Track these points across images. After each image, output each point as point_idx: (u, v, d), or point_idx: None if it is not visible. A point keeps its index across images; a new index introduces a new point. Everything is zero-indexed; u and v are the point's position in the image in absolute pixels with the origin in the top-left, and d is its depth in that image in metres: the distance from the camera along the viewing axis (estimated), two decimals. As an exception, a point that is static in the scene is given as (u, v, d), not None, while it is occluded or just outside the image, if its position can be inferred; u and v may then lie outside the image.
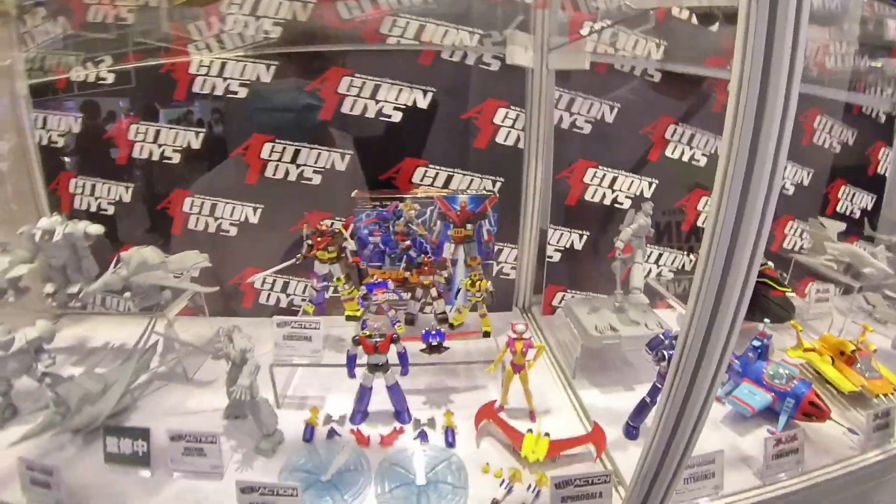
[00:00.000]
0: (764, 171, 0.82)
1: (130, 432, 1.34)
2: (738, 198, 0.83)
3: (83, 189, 2.01)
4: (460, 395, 1.60)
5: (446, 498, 1.23)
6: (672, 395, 1.02)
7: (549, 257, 2.02)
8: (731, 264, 0.87)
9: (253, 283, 1.71)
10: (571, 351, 1.78)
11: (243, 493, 1.13)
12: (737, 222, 0.85)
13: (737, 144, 0.82)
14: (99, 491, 1.27)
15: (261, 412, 1.38)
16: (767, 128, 0.80)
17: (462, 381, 1.73)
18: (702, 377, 0.97)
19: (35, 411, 1.42)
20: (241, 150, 1.86)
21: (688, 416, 1.02)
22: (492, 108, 1.86)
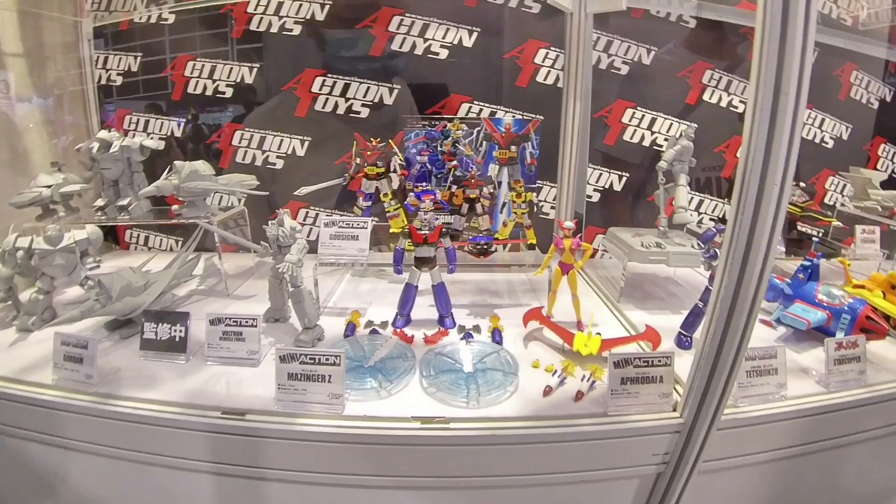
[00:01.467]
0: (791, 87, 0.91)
1: (169, 317, 1.38)
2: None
3: (136, 125, 2.15)
4: (504, 310, 1.62)
5: (495, 383, 1.23)
6: (727, 271, 1.03)
7: (589, 197, 2.05)
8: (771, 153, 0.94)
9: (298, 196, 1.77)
10: (614, 283, 1.80)
11: (282, 362, 1.14)
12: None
13: (763, 74, 0.92)
14: (130, 374, 1.29)
15: (304, 301, 1.39)
16: (790, 62, 0.90)
17: (505, 299, 1.75)
18: (754, 254, 0.99)
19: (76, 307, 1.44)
20: (293, 84, 1.99)
21: (742, 298, 1.02)
22: (533, 49, 1.95)
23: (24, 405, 1.26)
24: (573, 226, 1.48)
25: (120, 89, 2.13)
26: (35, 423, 1.27)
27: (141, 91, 2.12)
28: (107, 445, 1.21)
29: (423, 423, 1.13)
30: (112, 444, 1.21)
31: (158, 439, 1.18)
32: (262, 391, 1.19)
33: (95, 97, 2.15)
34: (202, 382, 1.26)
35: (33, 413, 1.26)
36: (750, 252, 1.01)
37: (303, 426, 1.12)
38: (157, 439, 1.18)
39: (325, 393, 1.14)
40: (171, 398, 1.20)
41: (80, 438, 1.24)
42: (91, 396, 1.22)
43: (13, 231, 1.76)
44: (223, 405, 1.17)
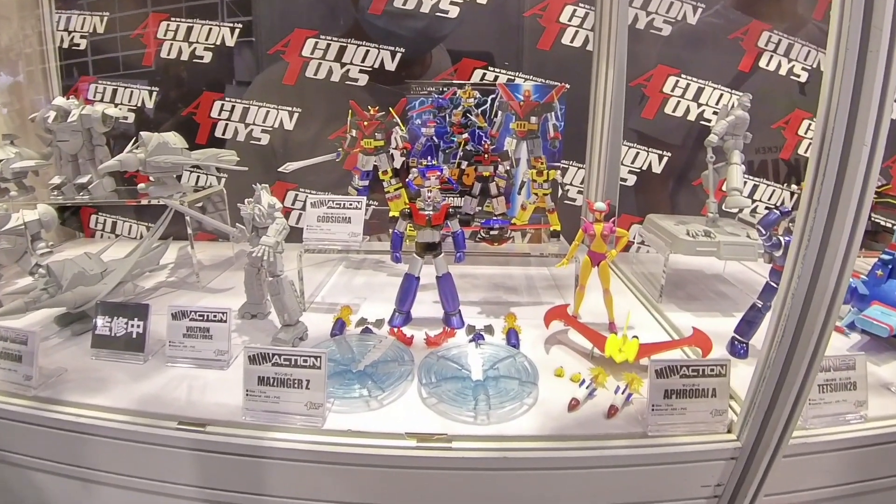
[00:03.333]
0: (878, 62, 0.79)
1: (126, 310, 1.29)
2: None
3: (103, 94, 2.06)
4: (522, 308, 1.50)
5: (510, 394, 1.11)
6: (797, 272, 0.91)
7: (623, 180, 1.93)
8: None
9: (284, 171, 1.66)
10: (653, 280, 1.68)
11: (251, 363, 1.04)
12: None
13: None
14: (78, 375, 1.21)
15: (284, 293, 1.30)
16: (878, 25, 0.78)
17: (523, 296, 1.63)
18: (834, 242, 0.88)
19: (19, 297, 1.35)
20: (280, 47, 1.90)
21: (819, 296, 0.90)
22: (558, 4, 1.83)
23: None
24: (605, 207, 1.35)
25: (84, 53, 2.05)
26: None
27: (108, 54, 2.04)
28: (44, 459, 1.14)
29: (420, 441, 1.02)
30: (50, 458, 1.13)
31: (104, 453, 1.09)
32: (229, 398, 1.10)
33: (57, 63, 2.07)
34: (159, 387, 1.17)
35: None
36: (829, 240, 0.88)
37: (274, 441, 1.02)
38: (103, 453, 1.09)
39: (303, 401, 1.04)
40: (120, 405, 1.11)
41: (12, 449, 1.16)
42: (28, 401, 1.13)
43: None
44: (181, 414, 1.08)
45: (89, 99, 2.08)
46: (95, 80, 2.05)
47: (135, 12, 1.98)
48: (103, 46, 2.03)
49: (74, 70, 2.06)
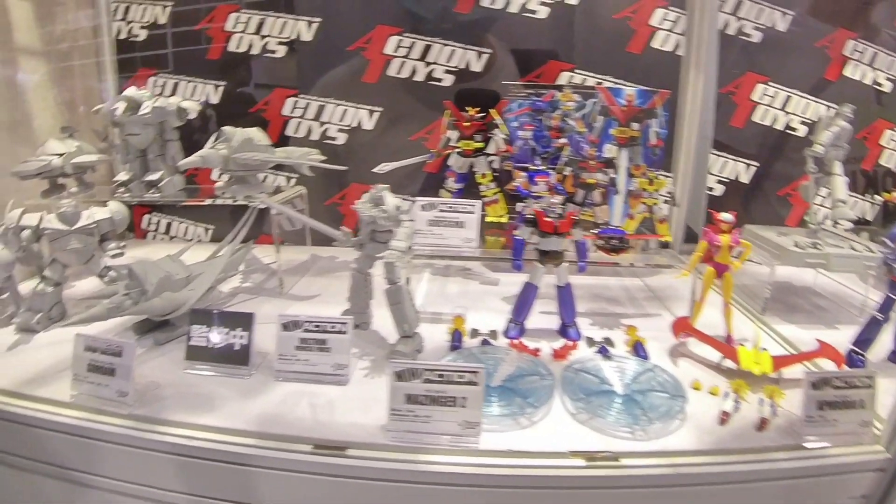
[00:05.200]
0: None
1: (227, 319, 1.21)
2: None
3: (163, 88, 2.01)
4: (632, 320, 1.49)
5: (662, 408, 1.09)
6: None
7: (710, 189, 1.93)
8: None
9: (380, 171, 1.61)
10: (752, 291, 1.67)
11: (399, 380, 0.99)
12: None
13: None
14: (175, 391, 1.13)
15: (404, 301, 1.25)
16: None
17: (627, 307, 1.62)
18: None
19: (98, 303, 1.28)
20: (362, 43, 1.86)
21: None
22: (648, 8, 1.83)
23: (31, 427, 1.11)
24: (732, 218, 1.35)
25: (143, 45, 1.99)
26: (47, 452, 1.12)
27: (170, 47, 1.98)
28: (147, 485, 1.07)
29: (588, 461, 0.99)
30: (154, 484, 1.06)
31: (221, 480, 1.02)
32: (360, 417, 1.05)
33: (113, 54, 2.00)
34: (276, 405, 1.10)
35: (45, 439, 1.11)
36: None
37: (426, 465, 0.97)
38: (220, 480, 1.02)
39: (457, 420, 1.00)
40: (236, 425, 1.04)
41: (110, 475, 1.09)
42: (126, 420, 1.07)
43: (12, 208, 1.63)
44: (311, 436, 1.01)
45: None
46: (155, 73, 1.99)
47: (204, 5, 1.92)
48: (165, 38, 1.97)
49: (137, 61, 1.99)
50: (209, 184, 1.94)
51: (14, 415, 1.12)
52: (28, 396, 1.15)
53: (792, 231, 1.69)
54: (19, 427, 1.12)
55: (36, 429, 1.11)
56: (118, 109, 1.65)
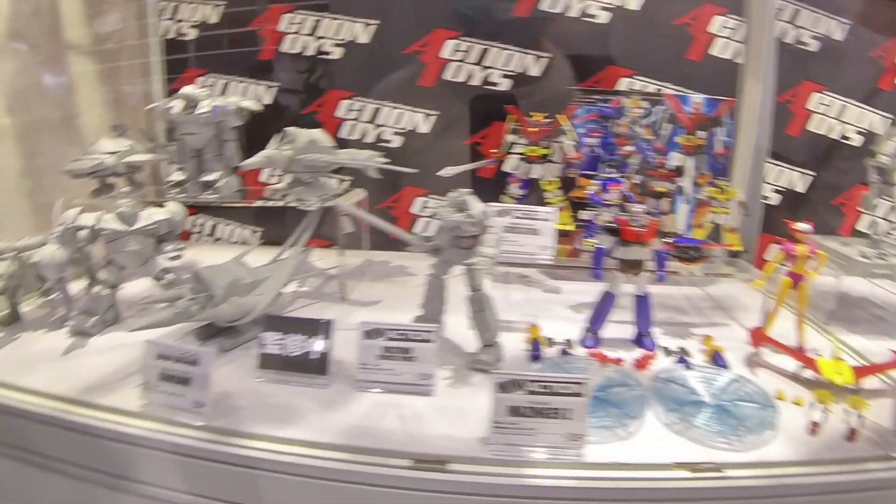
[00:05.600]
0: None
1: (303, 326, 1.19)
2: None
3: (212, 89, 2.00)
4: (699, 330, 1.51)
5: (753, 419, 1.10)
6: None
7: (765, 198, 1.94)
8: None
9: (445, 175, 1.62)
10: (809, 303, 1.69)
11: (502, 391, 0.98)
12: None
13: None
14: (251, 402, 1.12)
15: (487, 309, 1.25)
16: None
17: (693, 316, 1.63)
18: None
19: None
20: (418, 47, 1.87)
21: None
22: (707, 15, 1.84)
23: (96, 438, 1.10)
24: (810, 228, 1.37)
25: (193, 45, 1.99)
26: (115, 464, 1.10)
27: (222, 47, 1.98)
28: (226, 501, 1.05)
29: (693, 472, 1.00)
30: (234, 500, 1.04)
31: (312, 496, 1.01)
32: (454, 430, 1.04)
33: (160, 53, 2.00)
34: (362, 417, 1.09)
35: (112, 450, 1.09)
36: None
37: (530, 479, 0.97)
38: (311, 496, 1.01)
39: (561, 433, 1.00)
40: (322, 438, 1.03)
41: (184, 489, 1.07)
42: (202, 432, 1.05)
43: (61, 207, 1.62)
44: (407, 450, 1.00)
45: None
46: (205, 73, 1.99)
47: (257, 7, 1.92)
48: (215, 38, 1.97)
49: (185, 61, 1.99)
50: (258, 185, 1.94)
51: (77, 424, 1.11)
52: (91, 405, 1.14)
53: (853, 241, 1.71)
54: (83, 437, 1.11)
55: (102, 439, 1.10)
56: (174, 108, 1.62)
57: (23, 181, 1.75)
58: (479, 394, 1.16)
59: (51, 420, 1.14)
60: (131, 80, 2.02)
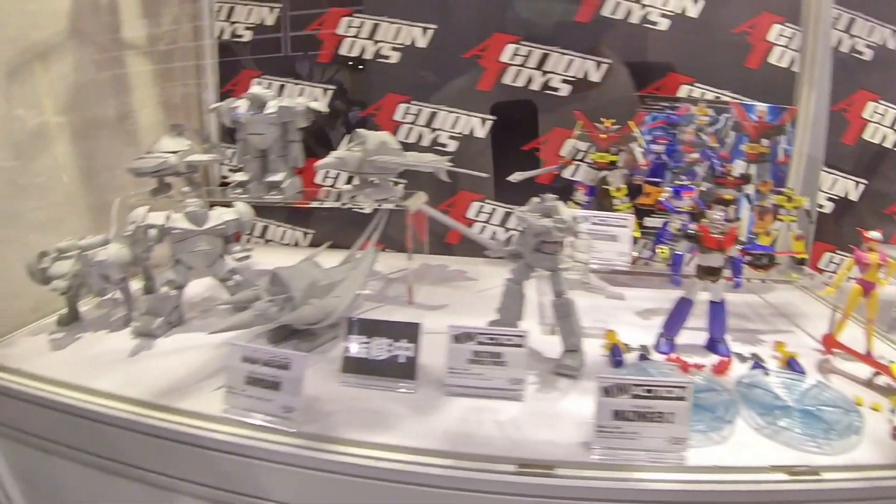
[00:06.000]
0: None
1: (390, 329, 1.21)
2: None
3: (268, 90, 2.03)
4: (765, 336, 1.56)
5: (840, 424, 1.14)
6: None
7: (819, 207, 1.98)
8: None
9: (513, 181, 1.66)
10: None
11: (607, 395, 1.02)
12: None
13: None
14: (338, 407, 1.13)
15: (573, 315, 1.29)
16: None
17: (757, 323, 1.68)
18: None
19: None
20: (477, 51, 1.92)
21: None
22: (765, 23, 1.89)
23: (173, 443, 1.12)
24: (880, 236, 1.42)
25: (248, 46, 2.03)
26: (193, 470, 1.12)
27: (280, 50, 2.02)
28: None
29: (790, 475, 1.04)
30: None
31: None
32: (552, 435, 1.08)
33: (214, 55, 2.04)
34: (457, 422, 1.11)
35: (190, 456, 1.11)
36: None
37: (636, 482, 1.00)
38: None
39: (664, 437, 1.04)
40: (424, 444, 1.04)
41: (275, 497, 1.08)
42: (293, 438, 1.06)
43: (120, 206, 1.65)
44: (509, 455, 1.02)
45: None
46: (260, 75, 2.02)
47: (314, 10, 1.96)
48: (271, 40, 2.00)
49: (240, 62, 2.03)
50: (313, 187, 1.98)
51: (155, 428, 1.13)
52: (168, 408, 1.15)
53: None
54: (161, 442, 1.13)
55: (180, 444, 1.12)
56: (240, 108, 1.66)
57: (79, 179, 1.78)
58: (568, 399, 1.22)
59: (126, 424, 1.15)
60: (184, 81, 2.05)
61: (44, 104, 1.65)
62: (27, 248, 1.51)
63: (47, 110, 1.66)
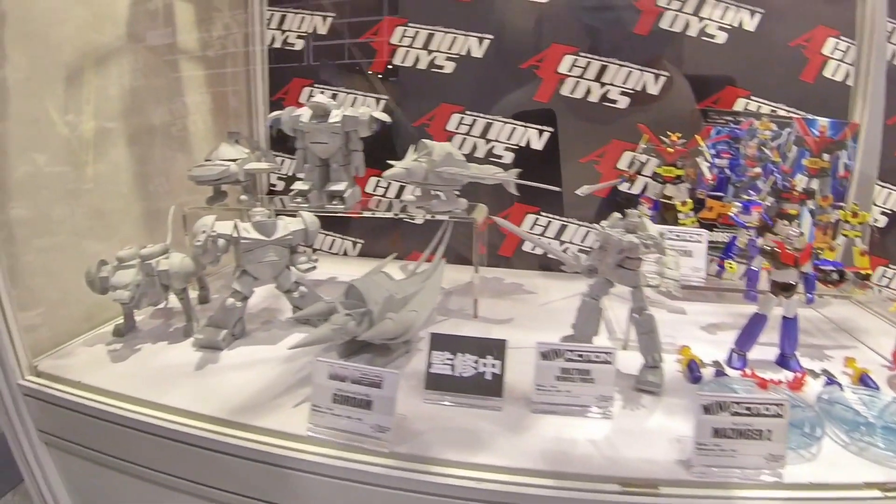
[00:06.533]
0: None
1: (475, 345, 1.22)
2: None
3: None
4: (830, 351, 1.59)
5: None
6: None
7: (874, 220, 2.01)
8: None
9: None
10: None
11: (706, 413, 1.05)
12: None
13: None
14: (429, 425, 1.14)
15: (654, 333, 1.33)
16: None
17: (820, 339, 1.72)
18: None
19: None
20: (534, 62, 1.97)
21: None
22: (821, 37, 1.94)
23: (254, 463, 1.13)
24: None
25: (300, 55, 2.07)
26: (276, 492, 1.14)
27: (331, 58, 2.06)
28: None
29: (884, 491, 1.09)
30: None
31: None
32: (648, 453, 1.10)
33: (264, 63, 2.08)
34: (550, 440, 1.13)
35: (270, 477, 1.12)
36: None
37: (737, 500, 1.04)
38: None
39: (762, 454, 1.08)
40: (525, 464, 1.06)
41: None
42: (386, 459, 1.07)
43: (175, 214, 1.67)
44: (610, 474, 1.05)
45: (301, 102, 2.09)
46: (311, 84, 2.07)
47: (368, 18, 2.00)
48: (323, 49, 2.05)
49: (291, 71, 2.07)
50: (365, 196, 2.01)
51: (232, 447, 1.14)
52: (246, 426, 1.15)
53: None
54: (239, 461, 1.14)
55: (262, 464, 1.13)
56: (302, 116, 1.69)
57: (133, 186, 1.81)
58: (655, 415, 1.25)
59: (201, 442, 1.17)
60: (234, 87, 2.09)
61: (100, 109, 1.68)
62: (81, 256, 1.53)
63: (103, 115, 1.69)
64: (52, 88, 1.54)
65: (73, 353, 1.51)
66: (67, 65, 1.57)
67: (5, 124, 1.40)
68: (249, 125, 2.12)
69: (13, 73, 1.40)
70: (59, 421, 1.36)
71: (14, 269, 1.41)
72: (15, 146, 1.43)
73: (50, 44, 1.51)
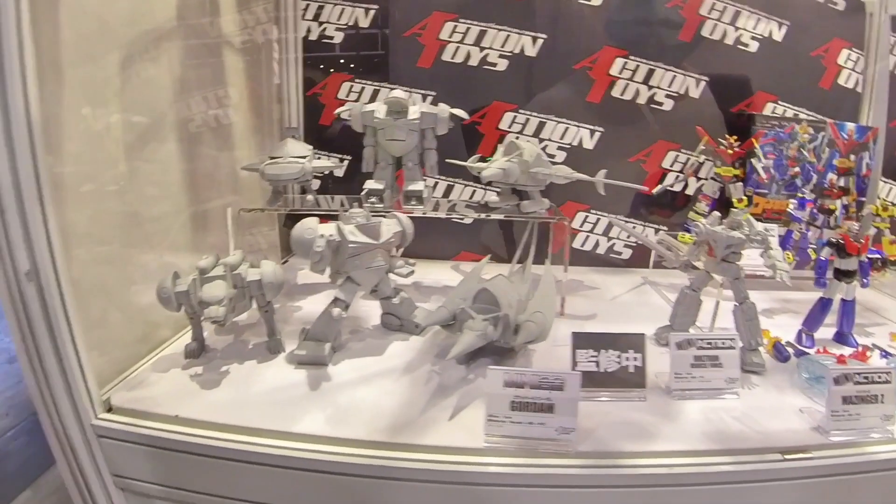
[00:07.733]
0: None
1: (617, 341, 1.32)
2: None
3: (360, 94, 2.14)
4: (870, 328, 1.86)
5: None
6: None
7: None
8: None
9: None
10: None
11: (836, 384, 1.25)
12: None
13: None
14: (601, 421, 1.25)
15: (756, 320, 1.53)
16: None
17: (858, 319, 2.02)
18: None
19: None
20: (588, 63, 2.15)
21: None
22: (837, 48, 2.26)
23: (433, 484, 1.14)
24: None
25: (339, 48, 2.13)
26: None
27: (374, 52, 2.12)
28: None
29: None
30: None
31: (700, 499, 1.20)
32: (784, 424, 1.30)
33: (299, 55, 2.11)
34: (704, 422, 1.29)
35: (449, 495, 1.15)
36: None
37: (870, 455, 1.25)
38: (700, 499, 1.20)
39: (878, 415, 1.30)
40: (698, 446, 1.22)
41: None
42: (574, 459, 1.15)
43: (234, 217, 1.70)
44: (770, 445, 1.23)
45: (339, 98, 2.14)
46: (351, 79, 2.12)
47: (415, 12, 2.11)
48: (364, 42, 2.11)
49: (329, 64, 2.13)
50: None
51: (404, 470, 1.14)
52: (412, 447, 1.16)
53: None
54: (414, 485, 1.15)
55: (442, 484, 1.14)
56: (377, 112, 1.69)
57: (182, 186, 1.74)
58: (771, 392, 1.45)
59: (360, 470, 1.14)
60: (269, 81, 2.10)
61: (153, 102, 1.61)
62: (131, 267, 1.47)
63: (157, 109, 1.62)
64: (105, 74, 1.42)
65: (146, 381, 1.38)
66: (120, 48, 1.46)
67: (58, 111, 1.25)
68: (281, 121, 2.13)
69: (66, 53, 1.26)
70: (145, 463, 1.25)
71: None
72: (66, 139, 1.28)
73: (104, 25, 1.40)
